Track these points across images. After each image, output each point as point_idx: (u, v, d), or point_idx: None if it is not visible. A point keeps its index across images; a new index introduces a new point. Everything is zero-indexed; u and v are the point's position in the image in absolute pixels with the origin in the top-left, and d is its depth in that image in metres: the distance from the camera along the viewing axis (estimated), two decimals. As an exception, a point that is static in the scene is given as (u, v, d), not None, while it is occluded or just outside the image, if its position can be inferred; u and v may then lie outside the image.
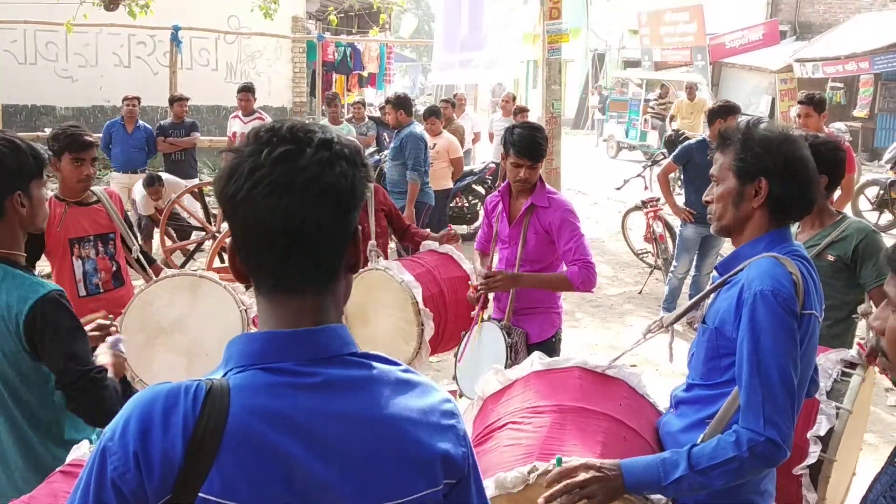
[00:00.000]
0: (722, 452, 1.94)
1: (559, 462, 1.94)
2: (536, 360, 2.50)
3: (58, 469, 1.83)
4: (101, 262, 3.92)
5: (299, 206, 1.14)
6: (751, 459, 1.93)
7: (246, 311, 3.65)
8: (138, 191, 8.35)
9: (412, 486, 1.20)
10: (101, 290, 3.93)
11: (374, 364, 1.24)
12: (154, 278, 3.91)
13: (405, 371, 1.28)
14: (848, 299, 3.54)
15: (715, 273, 2.30)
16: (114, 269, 3.97)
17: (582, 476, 1.91)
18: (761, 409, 1.93)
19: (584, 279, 3.69)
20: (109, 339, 2.57)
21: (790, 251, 2.10)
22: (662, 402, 2.46)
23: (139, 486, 1.10)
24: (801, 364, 2.01)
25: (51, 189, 3.42)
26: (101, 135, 8.95)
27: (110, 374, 2.38)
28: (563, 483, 1.91)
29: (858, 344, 3.00)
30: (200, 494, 1.10)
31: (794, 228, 3.67)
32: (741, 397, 1.99)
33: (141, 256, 4.09)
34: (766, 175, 2.09)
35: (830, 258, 3.48)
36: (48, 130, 12.97)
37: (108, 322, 3.07)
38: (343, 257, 1.23)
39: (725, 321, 2.09)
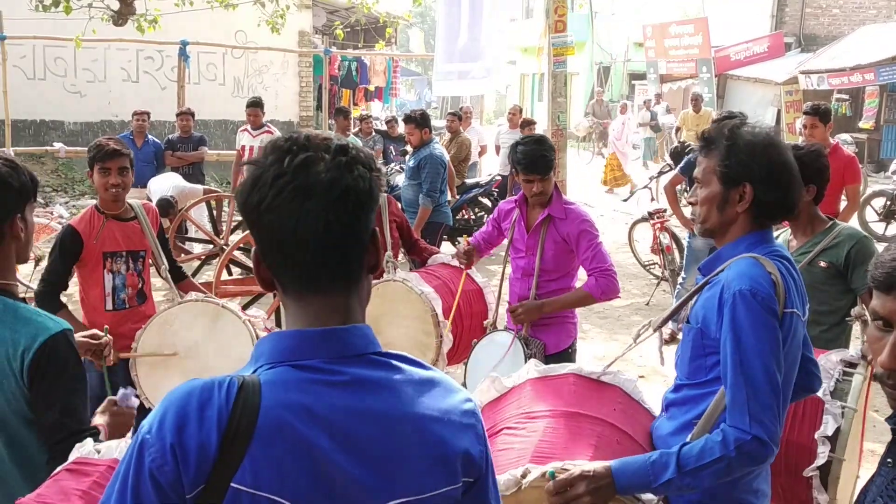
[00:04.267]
0: (709, 453, 1.95)
1: (552, 475, 1.95)
2: (532, 368, 2.54)
3: (62, 467, 1.83)
4: (129, 277, 3.96)
5: (323, 208, 1.20)
6: (738, 458, 1.94)
7: None
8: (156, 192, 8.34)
9: (433, 483, 1.25)
10: (127, 306, 3.96)
11: (399, 364, 1.28)
12: (179, 299, 3.92)
13: (428, 371, 1.32)
14: (841, 304, 3.58)
15: (699, 274, 2.32)
16: (140, 285, 4.01)
17: (581, 488, 1.94)
18: (746, 408, 1.95)
19: (605, 289, 3.75)
20: (119, 393, 2.28)
21: (769, 251, 2.12)
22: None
23: (176, 478, 1.14)
24: (785, 362, 2.03)
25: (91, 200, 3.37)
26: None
27: (102, 438, 2.12)
28: (564, 497, 1.93)
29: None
30: (232, 484, 1.14)
31: (786, 236, 3.68)
32: (727, 396, 2.01)
33: (168, 275, 4.08)
34: (750, 181, 2.11)
35: (823, 265, 3.51)
36: (56, 145, 13.11)
37: (102, 334, 3.00)
38: (364, 258, 1.28)
39: (708, 321, 2.12)
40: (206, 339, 3.72)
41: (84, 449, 1.88)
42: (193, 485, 1.14)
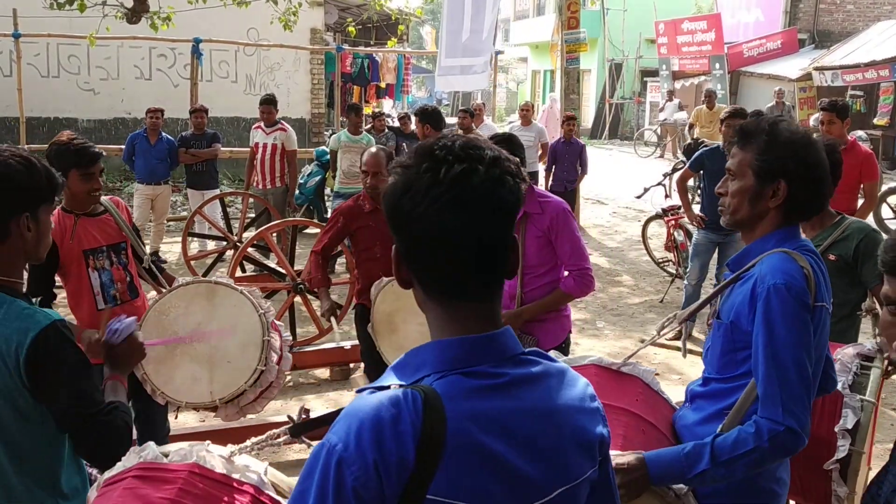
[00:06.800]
0: (743, 444, 1.98)
1: None
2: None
3: (129, 474, 1.75)
4: (115, 272, 3.82)
5: (476, 221, 1.23)
6: (771, 449, 1.96)
7: (265, 314, 3.56)
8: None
9: (583, 468, 1.33)
10: (119, 302, 3.82)
11: (540, 359, 1.34)
12: (167, 288, 3.79)
13: (556, 362, 1.38)
14: (850, 297, 3.65)
15: (727, 270, 2.33)
16: (128, 279, 3.88)
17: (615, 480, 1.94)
18: (779, 399, 1.97)
19: (582, 287, 3.76)
20: (107, 334, 2.27)
21: (799, 246, 2.14)
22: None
23: (379, 493, 1.17)
24: (814, 355, 2.05)
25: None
26: (123, 146, 9.07)
27: (119, 397, 2.15)
28: None
29: None
30: (428, 496, 1.17)
31: None
32: (759, 389, 2.03)
33: (152, 265, 4.00)
34: (785, 178, 2.11)
35: (832, 258, 3.56)
36: (71, 142, 13.12)
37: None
38: (506, 264, 1.31)
39: (740, 315, 2.13)
40: (208, 318, 3.60)
41: (146, 453, 1.80)
42: (393, 498, 1.17)
